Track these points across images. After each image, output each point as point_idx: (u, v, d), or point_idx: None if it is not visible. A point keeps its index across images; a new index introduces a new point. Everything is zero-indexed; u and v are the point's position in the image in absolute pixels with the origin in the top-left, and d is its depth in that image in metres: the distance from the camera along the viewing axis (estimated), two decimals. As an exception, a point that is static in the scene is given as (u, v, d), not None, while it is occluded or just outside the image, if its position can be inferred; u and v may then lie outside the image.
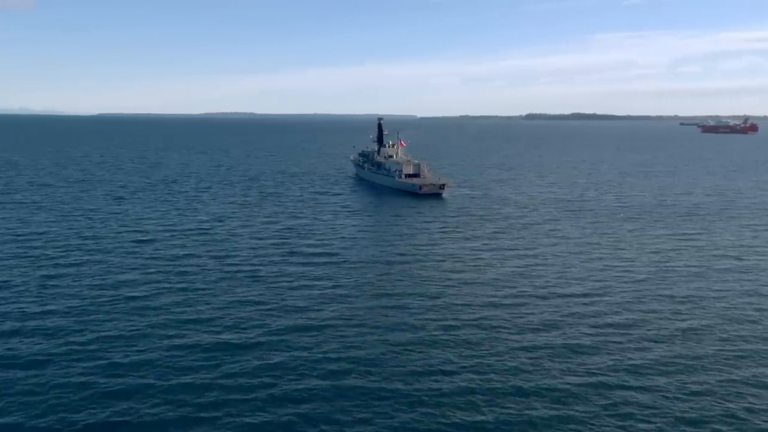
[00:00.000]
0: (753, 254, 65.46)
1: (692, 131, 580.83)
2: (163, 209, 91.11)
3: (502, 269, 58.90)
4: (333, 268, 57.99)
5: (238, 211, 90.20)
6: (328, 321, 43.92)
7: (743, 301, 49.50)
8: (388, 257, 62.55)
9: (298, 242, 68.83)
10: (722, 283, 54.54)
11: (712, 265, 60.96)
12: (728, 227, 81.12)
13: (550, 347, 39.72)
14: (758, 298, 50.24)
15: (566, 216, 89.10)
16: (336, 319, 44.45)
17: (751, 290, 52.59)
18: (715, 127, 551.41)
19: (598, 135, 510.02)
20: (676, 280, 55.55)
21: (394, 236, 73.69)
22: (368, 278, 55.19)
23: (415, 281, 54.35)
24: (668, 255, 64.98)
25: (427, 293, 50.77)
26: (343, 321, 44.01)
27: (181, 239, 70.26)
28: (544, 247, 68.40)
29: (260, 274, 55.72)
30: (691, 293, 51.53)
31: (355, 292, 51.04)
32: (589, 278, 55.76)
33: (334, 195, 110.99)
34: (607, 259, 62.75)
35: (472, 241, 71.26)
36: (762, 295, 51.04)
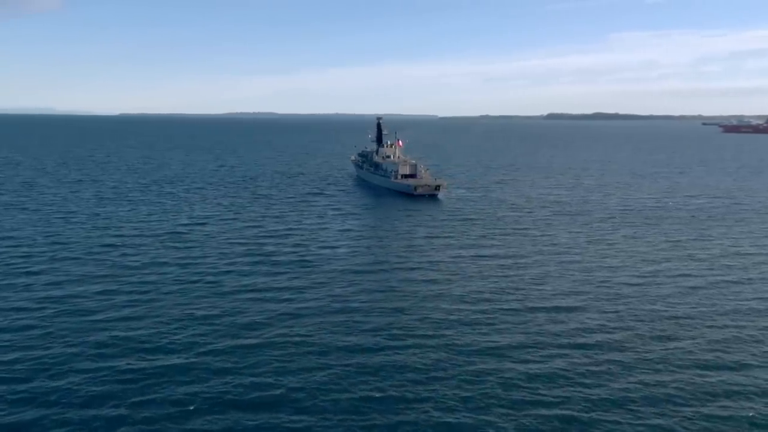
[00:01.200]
0: (744, 264, 61.43)
1: (714, 131, 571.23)
2: (146, 211, 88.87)
3: (474, 278, 55.64)
4: (299, 278, 54.91)
5: (223, 214, 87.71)
6: (273, 339, 40.97)
7: (721, 319, 45.93)
8: (360, 266, 59.19)
9: (273, 249, 65.50)
10: (701, 298, 50.83)
11: (699, 275, 57.23)
12: (727, 233, 77.14)
13: (504, 371, 36.58)
14: (737, 316, 46.52)
15: (560, 220, 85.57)
16: (282, 336, 41.51)
17: (731, 306, 48.91)
18: (737, 126, 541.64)
19: (617, 135, 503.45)
20: (655, 291, 51.96)
21: (374, 242, 70.59)
22: (332, 291, 52.04)
23: (382, 293, 51.20)
24: (654, 263, 61.31)
25: (389, 306, 47.63)
26: (284, 339, 41.00)
27: (152, 244, 67.71)
28: (527, 254, 64.94)
29: (220, 285, 52.73)
30: (668, 309, 47.95)
31: (310, 306, 47.99)
32: (563, 290, 52.27)
33: (326, 197, 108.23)
34: (587, 269, 59.15)
35: (452, 248, 68.01)
36: (740, 313, 47.24)
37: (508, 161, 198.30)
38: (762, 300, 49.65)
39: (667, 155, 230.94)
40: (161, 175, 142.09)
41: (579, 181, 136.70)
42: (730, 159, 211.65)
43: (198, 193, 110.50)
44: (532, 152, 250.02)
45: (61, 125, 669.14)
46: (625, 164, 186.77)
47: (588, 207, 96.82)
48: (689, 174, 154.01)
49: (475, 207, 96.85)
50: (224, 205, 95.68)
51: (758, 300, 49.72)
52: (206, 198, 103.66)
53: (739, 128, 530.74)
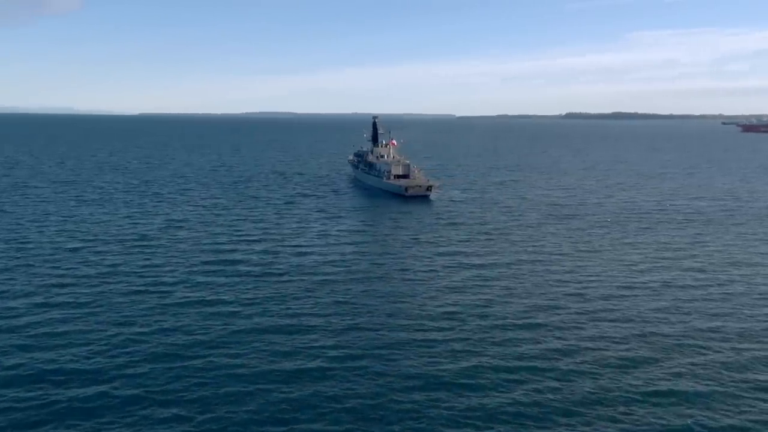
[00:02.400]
0: (731, 272, 57.52)
1: (732, 130, 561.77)
2: (124, 214, 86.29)
3: (445, 286, 52.33)
4: (253, 289, 51.45)
5: (202, 216, 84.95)
6: (201, 362, 37.93)
7: (698, 330, 42.30)
8: (325, 275, 55.40)
9: (240, 257, 61.67)
10: (676, 315, 47.15)
11: (683, 283, 53.50)
12: (721, 236, 73.19)
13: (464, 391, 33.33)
14: (718, 325, 42.90)
15: (551, 222, 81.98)
16: (214, 359, 38.47)
17: (711, 319, 45.22)
18: (756, 126, 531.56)
19: (632, 135, 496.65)
20: (632, 301, 48.37)
21: (348, 248, 67.17)
22: (287, 305, 48.97)
23: (338, 302, 48.08)
24: (639, 269, 57.72)
25: (339, 325, 44.39)
26: (215, 363, 37.98)
27: (116, 249, 64.76)
28: (507, 259, 61.49)
29: (168, 296, 49.36)
30: (645, 318, 44.39)
31: (256, 322, 44.89)
32: (535, 297, 48.91)
33: (315, 198, 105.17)
34: (567, 274, 55.73)
35: (429, 254, 64.57)
36: (719, 326, 43.61)
37: (513, 161, 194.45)
38: (737, 311, 45.93)
39: (679, 155, 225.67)
40: (155, 175, 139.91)
41: (581, 182, 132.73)
42: (744, 159, 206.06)
43: (184, 194, 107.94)
44: (541, 152, 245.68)
45: (77, 125, 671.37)
46: (634, 164, 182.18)
47: (583, 209, 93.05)
48: (697, 175, 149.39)
49: (465, 209, 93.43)
50: (206, 207, 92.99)
51: (734, 317, 45.89)
52: (191, 199, 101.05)
53: (758, 127, 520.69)
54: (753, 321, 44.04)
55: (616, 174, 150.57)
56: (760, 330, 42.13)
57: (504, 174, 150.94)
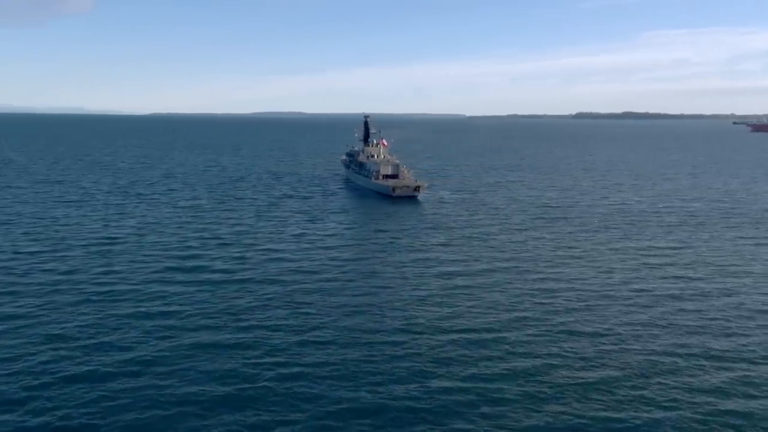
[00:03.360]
0: (713, 280, 54.49)
1: (741, 130, 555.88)
2: (99, 215, 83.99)
3: (410, 296, 49.53)
4: (213, 298, 48.75)
5: (180, 218, 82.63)
6: (129, 378, 35.45)
7: (667, 345, 39.44)
8: (289, 282, 52.68)
9: (204, 263, 58.45)
10: (648, 323, 44.31)
11: (659, 292, 50.57)
12: (711, 241, 70.12)
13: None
14: (685, 343, 40.04)
15: (536, 225, 79.11)
16: (147, 379, 35.94)
17: (681, 335, 42.34)
18: (766, 125, 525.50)
19: (641, 135, 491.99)
20: (602, 312, 45.49)
21: (322, 251, 64.48)
22: (239, 319, 46.50)
23: (293, 313, 45.43)
24: (617, 277, 54.76)
25: (295, 328, 41.92)
26: (133, 379, 35.46)
27: (77, 253, 62.27)
28: (481, 266, 58.52)
29: (116, 305, 46.73)
30: (614, 331, 41.56)
31: (199, 336, 42.39)
32: (500, 307, 46.11)
33: (302, 199, 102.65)
34: (540, 283, 52.84)
35: (403, 258, 61.88)
36: (687, 343, 40.74)
37: (514, 162, 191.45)
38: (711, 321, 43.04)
39: (684, 155, 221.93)
40: (145, 175, 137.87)
41: (578, 182, 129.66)
42: (748, 159, 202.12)
43: (167, 195, 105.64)
44: (545, 152, 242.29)
45: (85, 125, 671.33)
46: (635, 164, 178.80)
47: (572, 212, 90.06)
48: (698, 175, 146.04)
49: (452, 211, 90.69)
50: (184, 209, 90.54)
51: (708, 332, 43.00)
52: (172, 201, 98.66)
53: (767, 127, 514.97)
54: (726, 337, 41.07)
55: (616, 174, 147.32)
56: (736, 346, 39.16)
57: (501, 174, 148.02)
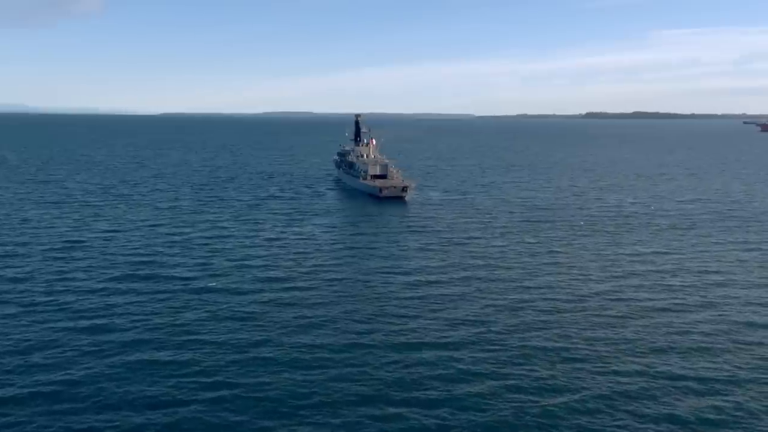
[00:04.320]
0: (694, 285, 51.76)
1: (751, 130, 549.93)
2: (76, 216, 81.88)
3: (374, 305, 46.88)
4: (163, 308, 46.34)
5: (153, 219, 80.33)
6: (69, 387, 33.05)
7: (635, 355, 36.72)
8: (247, 292, 50.17)
9: (165, 270, 56.19)
10: (623, 329, 41.58)
11: (636, 297, 47.82)
12: (699, 244, 67.28)
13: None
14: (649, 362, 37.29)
15: (520, 228, 76.37)
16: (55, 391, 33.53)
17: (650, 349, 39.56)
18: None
19: (648, 135, 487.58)
20: (569, 329, 42.68)
21: (292, 256, 61.94)
22: (189, 326, 44.06)
23: (239, 328, 42.96)
24: (594, 285, 51.91)
25: (240, 341, 39.47)
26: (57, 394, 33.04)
27: (35, 256, 60.09)
28: (453, 273, 55.58)
29: (66, 308, 44.85)
30: (575, 349, 38.85)
31: (139, 352, 39.95)
32: (466, 321, 43.32)
33: (287, 200, 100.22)
34: (512, 291, 50.11)
35: (377, 265, 59.20)
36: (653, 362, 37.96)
37: (515, 161, 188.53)
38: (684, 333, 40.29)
39: (688, 155, 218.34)
40: (135, 176, 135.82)
41: (574, 183, 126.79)
42: (753, 159, 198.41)
43: (150, 195, 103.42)
44: (546, 152, 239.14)
45: (94, 124, 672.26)
46: (637, 165, 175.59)
47: (562, 213, 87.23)
48: (700, 175, 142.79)
49: (437, 212, 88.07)
50: (162, 210, 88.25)
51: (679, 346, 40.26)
52: (152, 202, 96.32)
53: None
54: (697, 355, 38.29)
55: (614, 175, 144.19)
56: (707, 367, 36.39)
57: (498, 174, 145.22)
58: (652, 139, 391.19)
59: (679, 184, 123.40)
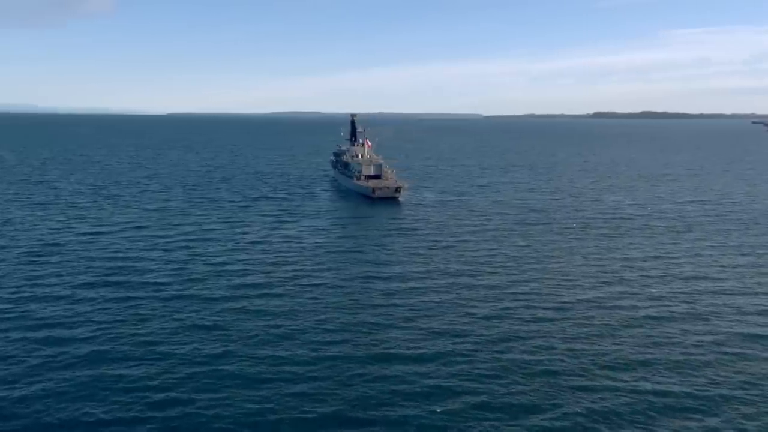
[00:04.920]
0: (681, 290, 49.80)
1: (760, 130, 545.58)
2: (59, 217, 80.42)
3: (346, 317, 45.02)
4: (127, 316, 44.67)
5: (139, 221, 78.64)
6: None
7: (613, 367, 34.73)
8: (216, 297, 48.50)
9: (133, 277, 53.96)
10: (601, 340, 39.60)
11: (621, 311, 45.78)
12: (694, 247, 65.21)
13: None
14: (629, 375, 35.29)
15: (510, 231, 74.39)
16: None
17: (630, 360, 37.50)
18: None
19: (654, 134, 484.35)
20: (547, 340, 40.78)
21: (272, 260, 60.23)
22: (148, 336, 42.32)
23: (208, 333, 41.25)
24: (578, 292, 49.89)
25: (202, 355, 37.68)
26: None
27: (11, 258, 58.73)
28: (435, 281, 53.56)
29: (18, 320, 43.16)
30: (553, 364, 36.92)
31: (89, 370, 38.21)
32: (443, 332, 41.45)
33: (279, 201, 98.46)
34: (495, 299, 48.14)
35: (359, 271, 57.36)
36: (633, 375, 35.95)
37: (515, 161, 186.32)
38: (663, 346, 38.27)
39: (691, 155, 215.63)
40: (130, 176, 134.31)
41: (572, 183, 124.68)
42: (759, 159, 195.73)
43: (140, 196, 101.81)
44: (549, 152, 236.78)
45: (102, 124, 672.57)
46: (639, 164, 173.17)
47: (556, 215, 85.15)
48: (702, 176, 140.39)
49: (429, 213, 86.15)
50: (149, 211, 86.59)
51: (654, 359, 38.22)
52: (141, 203, 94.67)
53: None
54: (678, 373, 36.30)
55: (615, 175, 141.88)
56: (690, 377, 34.42)
57: (497, 175, 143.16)
58: (659, 139, 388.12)
59: (680, 185, 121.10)
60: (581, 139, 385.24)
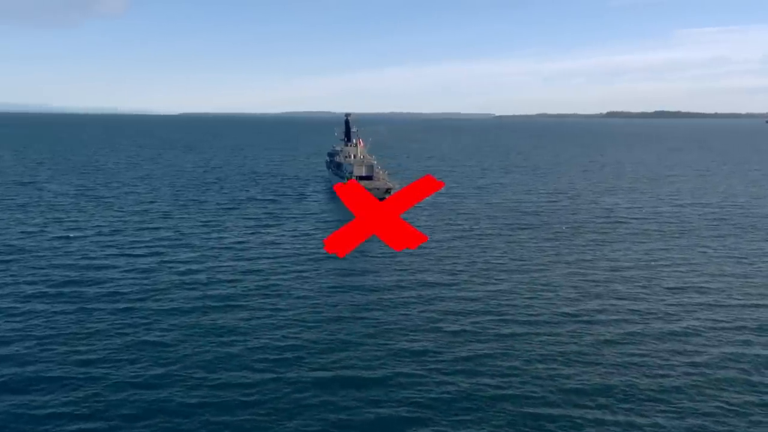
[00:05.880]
0: (665, 302, 46.81)
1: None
2: (37, 221, 78.25)
3: (303, 329, 42.46)
4: (71, 325, 42.54)
5: (118, 224, 76.43)
6: None
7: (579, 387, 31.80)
8: (173, 312, 45.73)
9: (90, 283, 51.66)
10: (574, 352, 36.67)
11: (594, 324, 42.80)
12: (686, 252, 62.11)
13: None
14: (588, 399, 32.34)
15: (499, 234, 71.66)
16: None
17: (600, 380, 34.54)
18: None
19: (665, 134, 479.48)
20: (518, 349, 37.92)
21: (241, 266, 57.79)
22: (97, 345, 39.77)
23: (148, 348, 38.70)
24: (555, 299, 47.11)
25: (133, 372, 35.10)
26: None
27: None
28: (412, 291, 50.75)
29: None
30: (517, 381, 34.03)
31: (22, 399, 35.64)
32: (413, 339, 38.68)
33: (266, 203, 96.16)
34: (469, 304, 45.49)
35: (331, 279, 54.87)
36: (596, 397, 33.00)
37: (517, 162, 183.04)
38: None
39: (700, 156, 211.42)
40: (122, 177, 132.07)
41: (572, 184, 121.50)
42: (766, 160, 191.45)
43: (126, 197, 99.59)
44: (554, 152, 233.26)
45: (109, 124, 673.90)
46: (645, 165, 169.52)
47: (548, 217, 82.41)
48: (707, 176, 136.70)
49: (419, 215, 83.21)
50: (130, 213, 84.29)
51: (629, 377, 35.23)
52: (125, 204, 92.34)
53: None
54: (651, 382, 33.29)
55: (618, 176, 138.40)
56: (662, 405, 31.47)
57: (496, 176, 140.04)
58: (670, 139, 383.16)
59: (682, 186, 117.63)
60: (590, 138, 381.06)
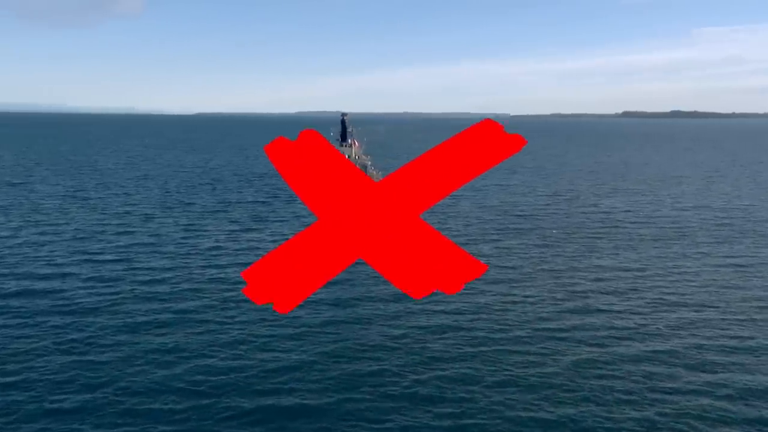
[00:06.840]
0: (649, 315, 44.05)
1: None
2: (11, 224, 76.44)
3: (255, 350, 40.11)
4: (18, 331, 40.37)
5: (97, 226, 74.70)
6: None
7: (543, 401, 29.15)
8: (125, 328, 43.47)
9: (39, 298, 47.96)
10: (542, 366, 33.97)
11: (574, 334, 40.07)
12: (681, 260, 59.12)
13: None
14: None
15: (489, 238, 69.52)
16: None
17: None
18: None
19: (678, 134, 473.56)
20: (497, 358, 35.26)
21: (211, 272, 55.60)
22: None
23: (89, 364, 36.44)
24: (532, 308, 44.41)
25: (83, 384, 32.80)
26: None
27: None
28: (380, 304, 48.07)
29: None
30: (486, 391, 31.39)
31: None
32: (380, 349, 36.24)
33: (253, 204, 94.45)
34: (443, 315, 42.97)
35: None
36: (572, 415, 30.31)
37: (519, 163, 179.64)
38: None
39: (711, 156, 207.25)
40: (117, 177, 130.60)
41: (572, 186, 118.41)
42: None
43: (113, 199, 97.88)
44: (559, 153, 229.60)
45: (117, 124, 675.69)
46: (652, 166, 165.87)
47: (541, 221, 79.81)
48: (713, 178, 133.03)
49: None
50: (112, 215, 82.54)
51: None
52: (109, 206, 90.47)
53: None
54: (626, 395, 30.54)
55: (622, 177, 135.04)
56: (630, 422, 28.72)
57: (496, 176, 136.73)
58: (683, 139, 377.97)
59: (686, 189, 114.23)
60: (601, 139, 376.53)
